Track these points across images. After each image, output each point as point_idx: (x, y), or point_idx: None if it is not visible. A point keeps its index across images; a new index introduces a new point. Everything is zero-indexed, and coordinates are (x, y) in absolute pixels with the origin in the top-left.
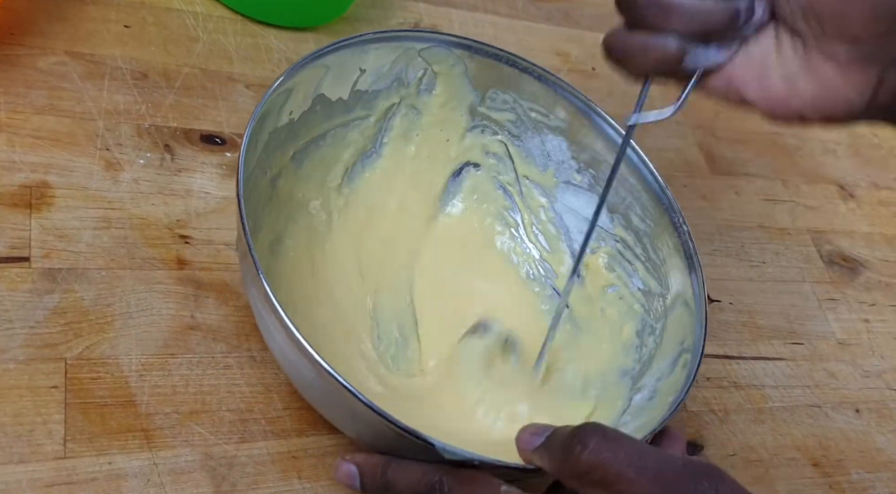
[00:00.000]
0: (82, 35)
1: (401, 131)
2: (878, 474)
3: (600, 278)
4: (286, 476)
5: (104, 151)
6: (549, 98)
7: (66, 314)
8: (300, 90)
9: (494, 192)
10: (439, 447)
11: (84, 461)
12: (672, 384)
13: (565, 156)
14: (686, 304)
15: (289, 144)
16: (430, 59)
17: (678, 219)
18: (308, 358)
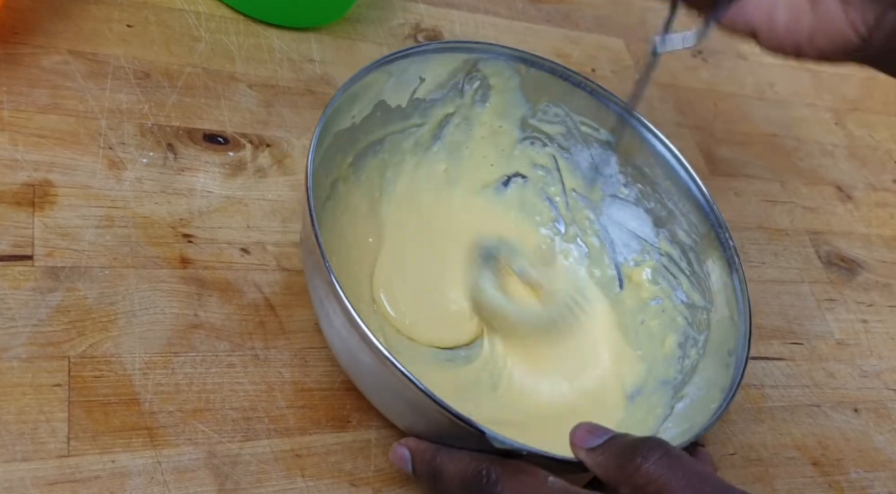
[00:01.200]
0: (85, 34)
1: (454, 141)
2: (877, 473)
3: (643, 290)
4: (290, 475)
5: (107, 150)
6: (601, 113)
7: (69, 312)
8: (364, 95)
9: (541, 203)
10: (490, 435)
11: (87, 459)
12: (714, 394)
13: (613, 169)
14: (731, 318)
15: (349, 147)
16: (486, 70)
17: (724, 235)
18: (371, 349)
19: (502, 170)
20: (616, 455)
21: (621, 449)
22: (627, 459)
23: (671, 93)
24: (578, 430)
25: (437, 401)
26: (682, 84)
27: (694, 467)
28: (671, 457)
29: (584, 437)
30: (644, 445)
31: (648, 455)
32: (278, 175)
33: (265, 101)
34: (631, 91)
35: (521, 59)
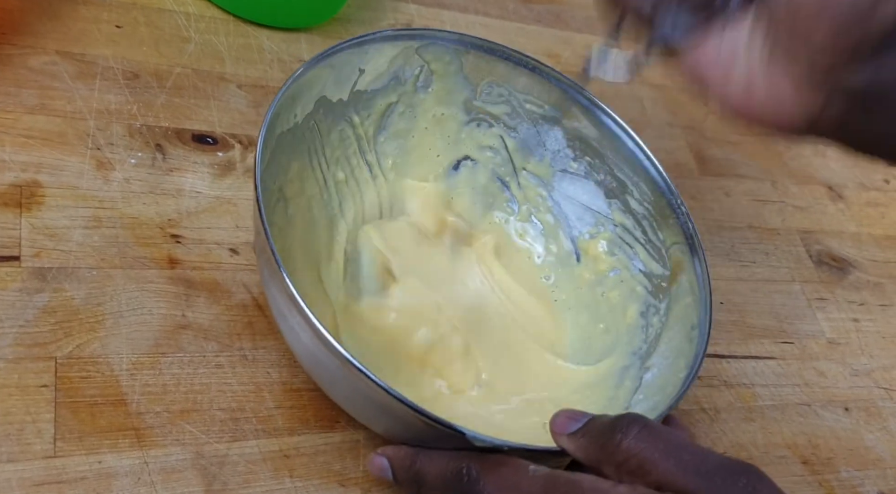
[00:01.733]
0: (74, 35)
1: (399, 130)
2: (867, 472)
3: (601, 262)
4: (277, 475)
5: (95, 151)
6: (544, 89)
7: (56, 313)
8: (305, 93)
9: (492, 184)
10: (470, 435)
11: (74, 459)
12: (683, 362)
13: (561, 145)
14: (689, 283)
15: (294, 146)
16: (427, 56)
17: (676, 201)
18: (338, 357)
19: (451, 155)
20: (596, 435)
21: (600, 429)
22: (607, 438)
23: (662, 93)
24: (558, 418)
25: (412, 406)
26: (673, 84)
27: (672, 437)
28: (650, 430)
29: (563, 423)
30: (622, 421)
31: (627, 431)
32: None
33: (255, 101)
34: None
35: (460, 42)
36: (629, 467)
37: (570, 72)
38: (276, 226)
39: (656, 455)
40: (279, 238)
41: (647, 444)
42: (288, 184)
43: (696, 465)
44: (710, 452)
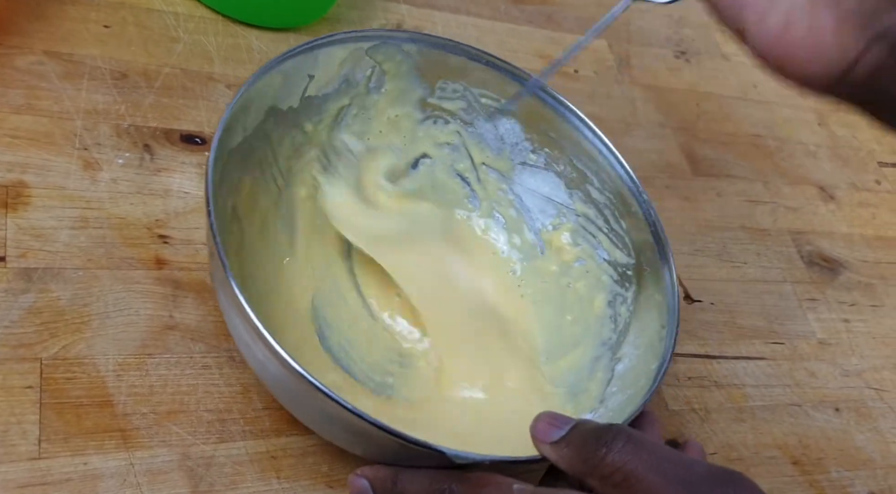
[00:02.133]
0: (61, 35)
1: (354, 132)
2: (857, 472)
3: (565, 253)
4: (265, 476)
5: (82, 151)
6: (499, 83)
7: (41, 313)
8: (254, 104)
9: (452, 181)
10: (450, 454)
11: (59, 461)
12: (653, 353)
13: (519, 137)
14: (654, 270)
15: (245, 160)
16: (377, 57)
17: (636, 188)
18: (306, 385)
19: (409, 155)
20: (579, 447)
21: (584, 440)
22: (591, 451)
23: (654, 94)
24: (539, 423)
25: (388, 429)
26: (664, 85)
27: (657, 449)
28: (635, 443)
29: (545, 430)
30: (607, 434)
31: (612, 445)
32: None
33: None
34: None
35: (410, 40)
36: (614, 480)
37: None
38: (231, 247)
39: (641, 468)
40: (235, 260)
41: (632, 456)
42: (241, 201)
43: (681, 476)
44: (695, 462)
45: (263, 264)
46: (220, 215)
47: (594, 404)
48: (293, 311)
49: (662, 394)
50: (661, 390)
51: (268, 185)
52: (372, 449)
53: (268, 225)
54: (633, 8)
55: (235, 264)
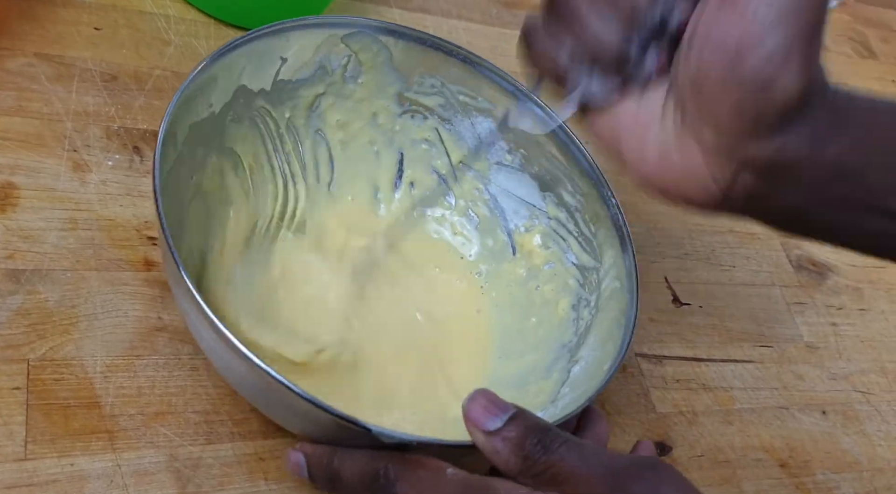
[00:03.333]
0: (52, 37)
1: (330, 120)
2: (844, 474)
3: (536, 256)
4: (252, 478)
5: (72, 153)
6: (476, 80)
7: (29, 315)
8: (220, 81)
9: (429, 178)
10: (376, 431)
11: (45, 462)
12: (609, 354)
13: (495, 137)
14: (619, 276)
15: (213, 138)
16: (353, 45)
17: (606, 192)
18: (237, 353)
19: (388, 150)
20: (517, 446)
21: (522, 441)
22: (530, 453)
23: None
24: (473, 404)
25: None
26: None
27: (588, 446)
28: (569, 446)
29: (480, 415)
30: (548, 438)
31: (550, 446)
32: None
33: None
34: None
35: (388, 31)
36: (544, 479)
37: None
38: (193, 223)
39: (569, 464)
40: (197, 236)
41: (563, 455)
42: (206, 178)
43: (605, 466)
44: (620, 455)
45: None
46: (177, 192)
47: (545, 404)
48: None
49: (650, 397)
50: (648, 392)
51: (235, 166)
52: (304, 424)
53: (232, 204)
54: None
55: (194, 239)
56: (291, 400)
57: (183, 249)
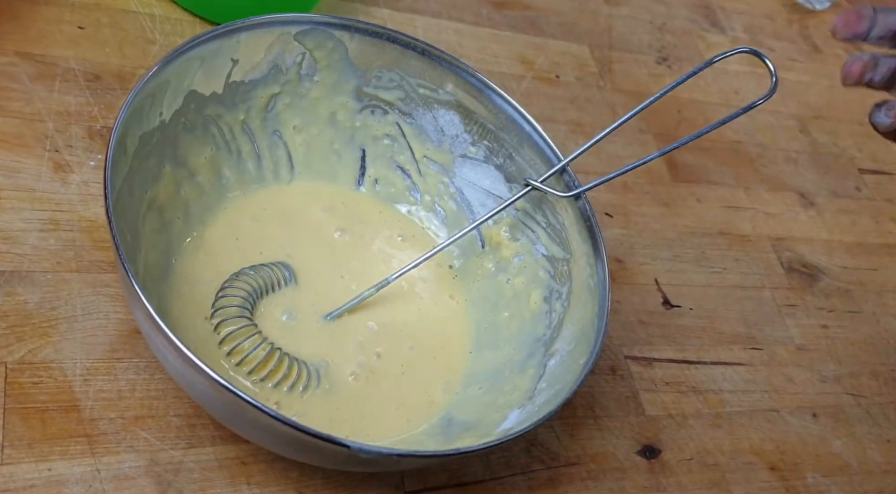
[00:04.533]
0: (33, 35)
1: (287, 121)
2: (834, 477)
3: (505, 248)
4: (235, 482)
5: (53, 153)
6: (436, 72)
7: (7, 317)
8: (170, 88)
9: (392, 173)
10: (355, 448)
11: (22, 467)
12: (584, 348)
13: (459, 129)
14: (589, 265)
15: (164, 147)
16: (307, 43)
17: (574, 183)
18: (193, 368)
19: (349, 147)
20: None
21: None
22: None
23: (635, 100)
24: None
25: (292, 424)
26: (645, 91)
27: None
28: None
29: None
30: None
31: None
32: None
33: None
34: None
35: (341, 26)
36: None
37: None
38: (148, 236)
39: None
40: (152, 249)
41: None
42: (161, 190)
43: None
44: None
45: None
46: (131, 205)
47: (523, 400)
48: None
49: (640, 399)
50: (638, 394)
51: (192, 174)
52: (279, 443)
53: (190, 214)
54: (615, 14)
55: (149, 254)
56: (265, 421)
57: (139, 261)
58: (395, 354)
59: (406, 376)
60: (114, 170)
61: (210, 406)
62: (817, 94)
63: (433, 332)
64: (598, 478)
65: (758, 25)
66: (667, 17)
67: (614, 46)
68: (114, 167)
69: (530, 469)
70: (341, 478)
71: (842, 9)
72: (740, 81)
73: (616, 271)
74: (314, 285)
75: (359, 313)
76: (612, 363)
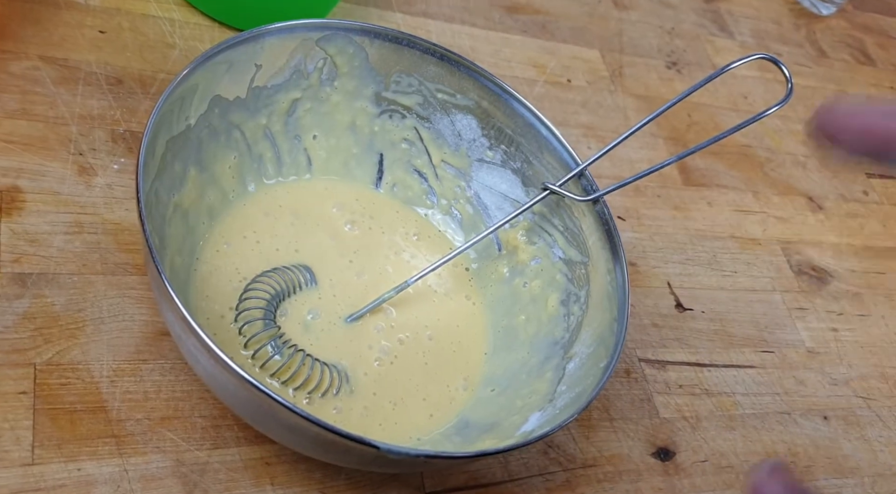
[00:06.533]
0: (56, 40)
1: (307, 125)
2: (845, 480)
3: (522, 252)
4: (259, 483)
5: (77, 156)
6: (454, 78)
7: (35, 319)
8: (196, 93)
9: (410, 177)
10: (384, 449)
11: (52, 467)
12: (603, 351)
13: (476, 134)
14: (608, 269)
15: (189, 151)
16: (328, 48)
17: (591, 187)
18: (234, 375)
19: (368, 151)
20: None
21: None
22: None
23: (646, 104)
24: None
25: (320, 423)
26: (656, 95)
27: None
28: None
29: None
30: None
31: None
32: None
33: None
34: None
35: (362, 31)
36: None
37: (552, 82)
38: (174, 240)
39: None
40: (178, 254)
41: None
42: (186, 194)
43: None
44: None
45: (204, 255)
46: (157, 207)
47: (543, 403)
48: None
49: (654, 402)
50: (652, 397)
51: (216, 178)
52: (308, 445)
53: (218, 217)
54: (625, 19)
55: (179, 256)
56: (295, 422)
57: (165, 265)
58: (415, 353)
59: (428, 374)
60: (144, 174)
61: (240, 407)
62: (824, 98)
63: (451, 333)
64: (614, 480)
65: (765, 30)
66: (676, 22)
67: (625, 51)
68: (144, 171)
69: (548, 470)
70: (364, 479)
71: (845, 13)
72: (748, 85)
73: (629, 274)
74: (333, 285)
75: (378, 313)
76: (627, 365)
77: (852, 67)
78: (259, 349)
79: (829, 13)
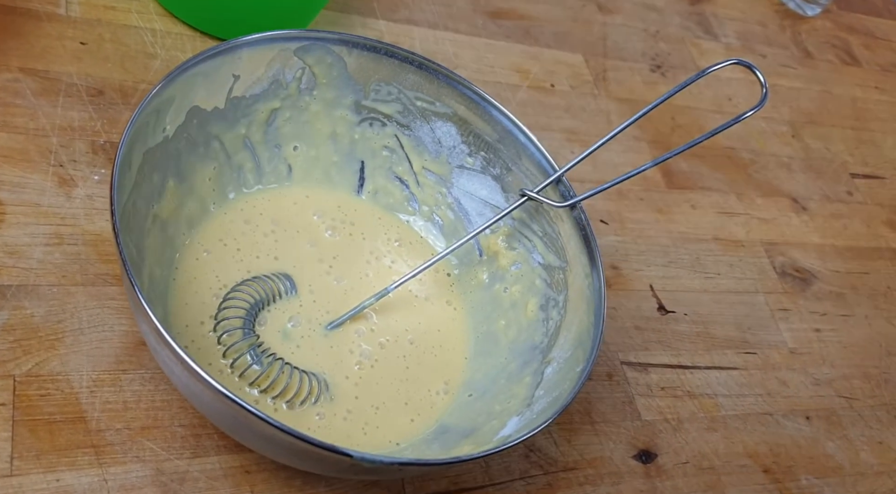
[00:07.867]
0: (37, 52)
1: (287, 134)
2: (827, 479)
3: (502, 257)
4: (239, 491)
5: (57, 168)
6: (433, 85)
7: (14, 330)
8: (174, 103)
9: (391, 184)
10: (357, 457)
11: (31, 478)
12: (581, 355)
13: (456, 141)
14: (585, 274)
15: (168, 162)
16: (306, 58)
17: (569, 192)
18: (207, 387)
19: (348, 159)
20: None
21: None
22: None
23: (629, 107)
24: None
25: (294, 433)
26: (640, 98)
27: None
28: None
29: None
30: None
31: None
32: None
33: None
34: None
35: (340, 41)
36: None
37: (535, 86)
38: (153, 250)
39: None
40: (157, 264)
41: None
42: (165, 205)
43: None
44: None
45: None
46: (135, 218)
47: (521, 407)
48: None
49: (636, 404)
50: (634, 400)
51: (193, 188)
52: (284, 454)
53: (196, 227)
54: (609, 23)
55: (155, 267)
56: (270, 432)
57: (144, 275)
58: (396, 357)
59: (409, 378)
60: (119, 186)
61: (215, 417)
62: (809, 99)
63: (432, 337)
64: (596, 483)
65: (750, 32)
66: (660, 25)
67: (608, 55)
68: (119, 184)
69: (529, 474)
70: (344, 486)
71: (830, 14)
72: (733, 87)
73: (612, 278)
74: (313, 292)
75: (359, 318)
76: (609, 369)
77: (838, 68)
78: (238, 357)
79: (814, 14)
